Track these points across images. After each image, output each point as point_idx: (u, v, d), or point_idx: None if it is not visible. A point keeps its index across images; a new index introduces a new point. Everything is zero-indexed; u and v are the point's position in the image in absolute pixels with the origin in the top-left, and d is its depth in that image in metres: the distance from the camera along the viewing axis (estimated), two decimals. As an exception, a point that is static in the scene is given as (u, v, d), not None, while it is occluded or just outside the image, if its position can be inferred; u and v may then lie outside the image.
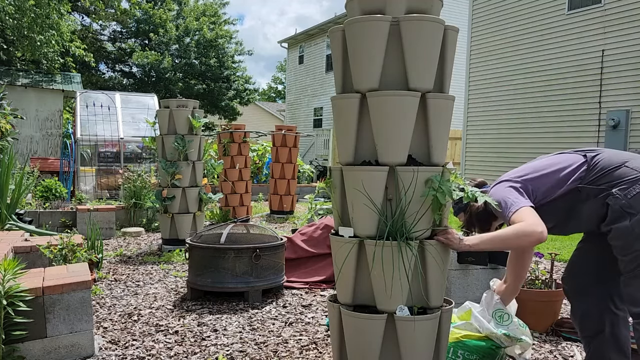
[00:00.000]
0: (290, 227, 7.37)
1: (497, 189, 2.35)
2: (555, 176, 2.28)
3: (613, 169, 2.19)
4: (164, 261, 5.42)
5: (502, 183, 2.36)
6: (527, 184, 2.30)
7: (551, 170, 2.30)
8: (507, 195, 2.25)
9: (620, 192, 2.13)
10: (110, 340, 3.15)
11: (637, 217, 2.08)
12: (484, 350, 2.62)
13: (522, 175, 2.34)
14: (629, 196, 2.11)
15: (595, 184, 2.20)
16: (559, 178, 2.27)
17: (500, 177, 2.44)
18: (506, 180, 2.35)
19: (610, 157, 2.25)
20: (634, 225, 2.07)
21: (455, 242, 2.15)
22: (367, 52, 2.10)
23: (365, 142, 2.19)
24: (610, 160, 2.23)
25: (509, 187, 2.30)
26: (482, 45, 12.55)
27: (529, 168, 2.37)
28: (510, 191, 2.27)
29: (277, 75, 50.53)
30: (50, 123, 15.28)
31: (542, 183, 2.29)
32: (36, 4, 13.96)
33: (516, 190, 2.27)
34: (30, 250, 4.06)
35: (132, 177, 7.74)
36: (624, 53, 9.42)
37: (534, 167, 2.36)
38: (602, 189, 2.18)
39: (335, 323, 2.27)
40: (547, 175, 2.29)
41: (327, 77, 21.22)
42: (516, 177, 2.34)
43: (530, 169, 2.36)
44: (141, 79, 24.03)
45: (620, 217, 2.11)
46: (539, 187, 2.29)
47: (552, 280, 3.47)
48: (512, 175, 2.37)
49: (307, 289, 4.41)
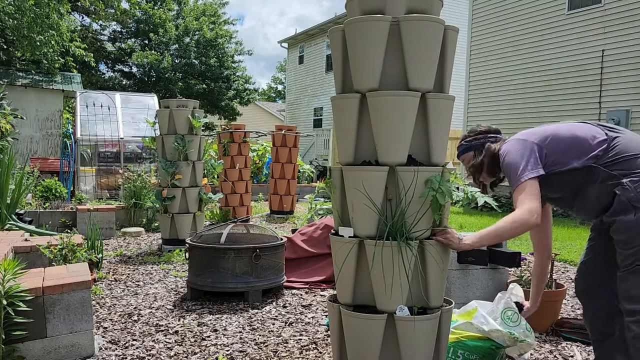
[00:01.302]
0: (290, 227, 7.37)
1: (513, 145, 2.29)
2: (575, 146, 2.21)
3: (629, 157, 2.12)
4: (164, 261, 5.42)
5: (519, 140, 2.29)
6: (543, 146, 2.23)
7: (571, 138, 2.22)
8: (519, 158, 2.20)
9: (631, 184, 2.07)
10: (110, 340, 3.15)
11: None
12: (484, 350, 2.62)
13: (541, 136, 2.26)
14: (639, 189, 2.05)
15: (608, 168, 2.13)
16: (577, 149, 2.20)
17: (517, 134, 2.37)
18: (524, 139, 2.28)
19: (629, 142, 2.17)
20: (639, 219, 2.03)
21: (455, 242, 2.14)
22: (367, 52, 2.10)
23: (365, 142, 2.19)
24: (628, 146, 2.15)
25: (525, 146, 2.23)
26: (482, 45, 12.55)
27: (550, 130, 2.29)
28: (524, 153, 2.21)
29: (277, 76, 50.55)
30: (50, 123, 15.28)
31: (559, 149, 2.22)
32: (36, 4, 13.96)
33: (530, 152, 2.21)
34: (30, 250, 4.06)
35: (132, 177, 7.74)
36: (624, 53, 9.42)
37: (554, 131, 2.27)
38: (613, 175, 2.11)
39: (335, 323, 2.27)
40: (565, 142, 2.22)
41: (327, 77, 21.21)
42: (535, 137, 2.26)
43: (551, 132, 2.27)
44: (141, 79, 24.03)
45: (626, 210, 2.06)
46: (554, 151, 2.22)
47: (552, 280, 3.47)
48: (531, 134, 2.29)
49: (307, 289, 4.41)
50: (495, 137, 2.51)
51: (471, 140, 2.54)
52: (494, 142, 2.47)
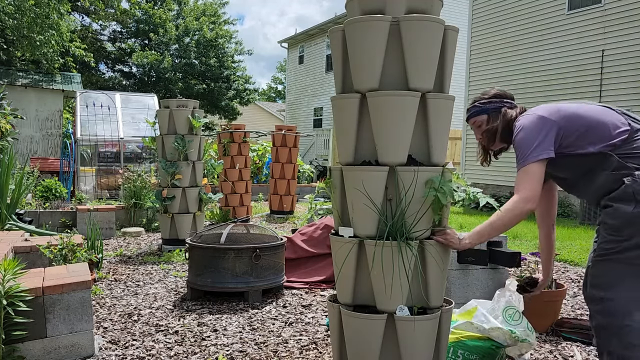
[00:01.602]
0: (290, 227, 7.37)
1: (532, 121, 2.17)
2: (595, 131, 2.10)
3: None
4: (164, 261, 5.42)
5: (539, 117, 2.17)
6: (562, 127, 2.12)
7: (593, 122, 2.11)
8: (533, 137, 2.12)
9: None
10: (110, 340, 3.15)
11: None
12: (484, 350, 2.62)
13: (562, 115, 2.15)
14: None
15: (623, 159, 2.05)
16: (596, 134, 2.10)
17: (538, 108, 2.25)
18: (545, 116, 2.16)
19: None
20: (635, 213, 1.97)
21: (455, 242, 2.14)
22: (367, 52, 2.10)
23: (365, 142, 2.19)
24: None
25: (543, 124, 2.13)
26: (482, 45, 12.55)
27: (572, 110, 2.17)
28: (540, 132, 2.11)
29: (277, 76, 50.56)
30: (50, 123, 15.28)
31: (578, 132, 2.12)
32: (36, 3, 13.97)
33: (546, 132, 2.11)
34: (30, 250, 4.06)
35: (132, 177, 7.74)
36: (624, 53, 9.42)
37: (577, 111, 2.16)
38: (627, 167, 2.03)
39: (335, 323, 2.27)
40: (586, 126, 2.11)
41: (327, 77, 21.22)
42: (556, 115, 2.15)
43: (573, 112, 2.16)
44: (141, 79, 24.03)
45: (628, 200, 1.99)
46: (572, 133, 2.12)
47: (552, 280, 3.47)
48: (552, 111, 2.18)
49: (307, 289, 4.41)
50: (511, 103, 2.39)
51: (485, 103, 2.41)
52: (510, 108, 2.36)
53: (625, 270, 1.99)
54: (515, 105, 2.40)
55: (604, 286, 2.03)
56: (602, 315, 2.03)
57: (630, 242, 1.98)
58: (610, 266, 2.02)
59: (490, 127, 2.38)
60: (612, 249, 2.02)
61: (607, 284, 2.02)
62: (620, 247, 2.00)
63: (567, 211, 9.76)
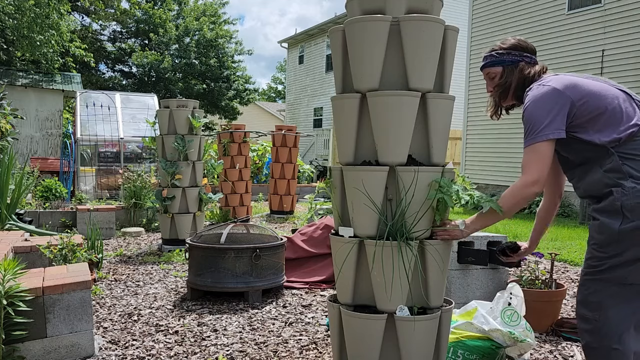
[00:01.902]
0: (290, 227, 7.37)
1: (546, 93, 1.98)
2: (607, 118, 1.94)
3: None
4: (164, 261, 5.42)
5: (554, 89, 1.98)
6: (576, 105, 1.95)
7: (609, 107, 1.95)
8: (545, 112, 1.94)
9: (632, 190, 1.85)
10: (110, 340, 3.15)
11: (631, 223, 1.85)
12: (484, 350, 2.62)
13: (579, 92, 1.96)
14: (638, 200, 1.84)
15: (622, 160, 1.90)
16: (608, 122, 1.94)
17: (552, 78, 2.04)
18: (560, 89, 1.97)
19: None
20: (623, 230, 1.85)
21: (457, 233, 2.10)
22: (367, 52, 2.10)
23: (365, 142, 2.19)
24: None
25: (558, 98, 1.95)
26: (482, 45, 12.54)
27: (589, 89, 1.98)
28: (553, 107, 1.94)
29: (277, 76, 50.54)
30: (50, 123, 15.28)
31: (591, 114, 1.95)
32: (36, 3, 13.96)
33: (560, 108, 1.94)
34: (30, 250, 4.06)
35: (132, 177, 7.74)
36: (624, 53, 9.42)
37: (593, 90, 1.98)
38: (621, 170, 1.89)
39: (335, 323, 2.27)
40: (601, 108, 1.95)
41: (327, 77, 21.21)
42: (573, 90, 1.96)
43: (588, 92, 1.97)
44: (141, 79, 24.03)
45: (614, 214, 1.87)
46: (584, 114, 1.95)
47: (552, 280, 3.47)
48: (569, 85, 1.98)
49: (307, 289, 4.41)
50: (531, 57, 2.18)
51: (503, 53, 2.19)
52: (529, 64, 2.17)
53: (616, 290, 1.90)
54: (536, 60, 2.20)
55: (594, 307, 1.94)
56: (591, 335, 1.95)
57: (617, 260, 1.88)
58: (600, 286, 1.93)
59: (503, 81, 2.19)
60: (598, 266, 1.93)
61: (597, 304, 1.93)
62: (607, 265, 1.90)
63: (567, 211, 9.76)
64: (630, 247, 1.86)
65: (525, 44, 2.21)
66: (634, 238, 1.85)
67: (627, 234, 1.85)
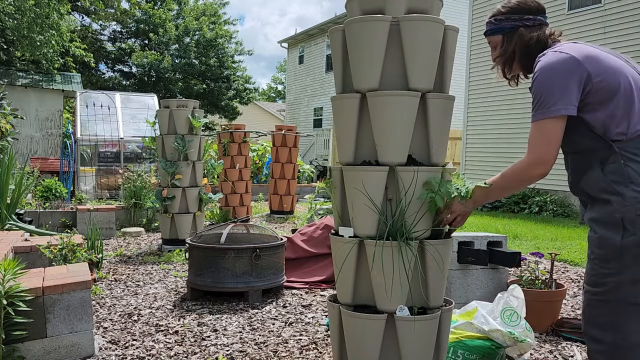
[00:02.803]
0: (290, 227, 7.37)
1: (559, 62, 1.76)
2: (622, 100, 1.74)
3: None
4: (164, 261, 5.42)
5: (571, 57, 1.75)
6: (593, 82, 1.73)
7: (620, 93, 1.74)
8: (553, 84, 1.73)
9: (633, 200, 1.68)
10: (110, 340, 3.15)
11: (633, 237, 1.68)
12: (484, 350, 2.62)
13: (596, 67, 1.75)
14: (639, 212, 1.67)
15: (625, 161, 1.71)
16: (620, 105, 1.74)
17: (568, 46, 1.82)
18: (578, 58, 1.74)
19: None
20: (627, 245, 1.69)
21: (459, 206, 2.02)
22: (367, 52, 2.10)
23: (365, 142, 2.19)
24: None
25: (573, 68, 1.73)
26: (482, 45, 12.54)
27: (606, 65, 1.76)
28: (567, 80, 1.72)
29: (277, 76, 50.54)
30: (50, 123, 15.28)
31: (606, 94, 1.74)
32: (36, 4, 13.96)
33: (574, 82, 1.72)
34: (30, 250, 4.06)
35: (132, 177, 7.74)
36: (624, 53, 9.34)
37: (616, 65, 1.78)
38: (622, 173, 1.71)
39: (335, 323, 2.27)
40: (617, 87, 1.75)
41: (327, 77, 21.22)
42: (590, 63, 1.75)
43: (604, 69, 1.75)
44: (141, 79, 24.03)
45: (615, 227, 1.71)
46: (598, 93, 1.74)
47: (552, 280, 3.47)
48: (588, 56, 1.76)
49: (307, 289, 4.41)
50: (534, 19, 1.94)
51: (502, 19, 1.97)
52: (531, 27, 1.93)
53: (628, 310, 1.73)
54: (542, 21, 1.95)
55: (606, 327, 1.76)
56: (603, 356, 1.78)
57: (622, 277, 1.71)
58: (610, 307, 1.75)
59: (503, 50, 1.99)
60: (603, 284, 1.75)
61: (609, 325, 1.76)
62: (612, 283, 1.73)
63: (567, 211, 9.76)
64: (634, 264, 1.69)
65: (528, 4, 1.94)
66: (638, 253, 1.69)
67: (630, 249, 1.69)
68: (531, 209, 10.20)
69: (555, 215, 9.75)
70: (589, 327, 1.82)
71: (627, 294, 1.71)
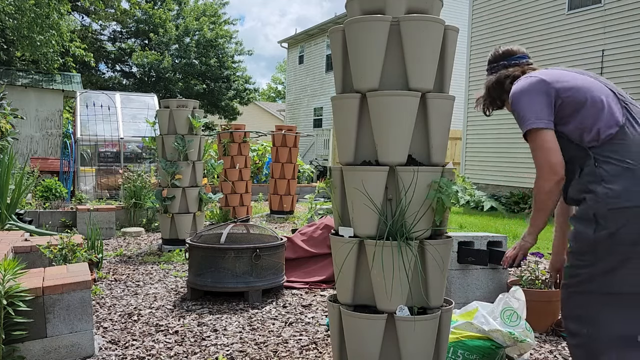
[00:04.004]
0: (290, 227, 7.37)
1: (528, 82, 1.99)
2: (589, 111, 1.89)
3: (623, 164, 1.81)
4: (164, 261, 5.42)
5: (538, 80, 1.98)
6: (560, 94, 1.93)
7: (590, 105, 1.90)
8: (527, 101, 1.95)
9: (604, 196, 1.80)
10: (110, 340, 3.15)
11: (604, 231, 1.80)
12: (484, 350, 2.62)
13: (564, 85, 1.94)
14: (610, 207, 1.79)
15: (599, 163, 1.86)
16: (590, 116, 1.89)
17: (540, 71, 2.06)
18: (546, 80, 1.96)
19: (634, 145, 1.84)
20: (598, 238, 1.81)
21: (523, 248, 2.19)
22: (367, 52, 2.10)
23: (365, 142, 2.19)
24: (628, 150, 1.83)
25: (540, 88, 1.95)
26: (482, 45, 12.55)
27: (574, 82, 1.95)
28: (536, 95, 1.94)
29: (277, 76, 50.52)
30: (50, 123, 15.27)
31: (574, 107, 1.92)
32: (36, 4, 13.96)
33: (542, 96, 1.93)
34: (30, 250, 4.06)
35: (132, 177, 7.74)
36: (624, 53, 9.42)
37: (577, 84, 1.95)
38: (595, 174, 1.85)
39: (335, 323, 2.27)
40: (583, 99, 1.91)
41: (327, 77, 21.22)
42: (559, 83, 1.95)
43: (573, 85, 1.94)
44: (141, 79, 24.03)
45: (588, 221, 1.83)
46: (568, 106, 1.92)
47: (552, 280, 3.47)
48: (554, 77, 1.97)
49: (307, 289, 4.41)
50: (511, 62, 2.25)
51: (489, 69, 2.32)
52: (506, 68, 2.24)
53: (603, 301, 1.83)
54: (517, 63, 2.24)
55: (583, 320, 1.88)
56: (580, 350, 1.90)
57: (595, 268, 1.83)
58: (587, 299, 1.87)
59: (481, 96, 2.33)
60: (579, 275, 1.88)
61: (586, 317, 1.87)
62: (586, 274, 1.85)
63: (567, 211, 9.76)
64: (606, 256, 1.80)
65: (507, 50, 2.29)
66: (609, 246, 1.79)
67: (601, 242, 1.81)
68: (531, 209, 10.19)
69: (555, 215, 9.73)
70: (567, 322, 1.95)
71: (599, 283, 1.83)
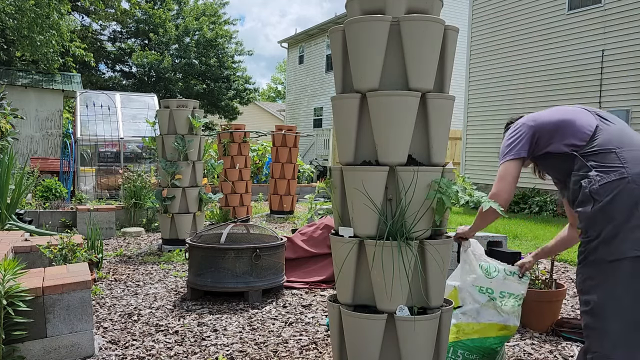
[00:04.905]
0: (290, 227, 7.37)
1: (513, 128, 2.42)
2: (564, 129, 2.23)
3: (606, 150, 2.12)
4: (164, 261, 5.42)
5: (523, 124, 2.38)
6: (536, 129, 2.31)
7: (563, 121, 2.25)
8: (509, 141, 2.36)
9: (597, 177, 2.07)
10: (110, 340, 3.15)
11: (599, 204, 2.03)
12: (484, 350, 2.62)
13: (537, 119, 2.34)
14: (600, 183, 2.05)
15: (586, 158, 2.14)
16: (565, 132, 2.22)
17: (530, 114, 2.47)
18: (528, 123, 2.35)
19: (611, 136, 2.16)
20: (594, 211, 2.03)
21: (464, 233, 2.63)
22: (367, 52, 2.10)
23: (365, 142, 2.19)
24: (608, 140, 2.15)
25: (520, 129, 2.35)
26: (482, 45, 12.55)
27: (546, 113, 2.37)
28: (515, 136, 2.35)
29: (277, 76, 50.51)
30: (50, 123, 15.27)
31: (549, 132, 2.28)
32: (36, 4, 13.96)
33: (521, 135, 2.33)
34: (30, 250, 4.06)
35: (132, 177, 7.74)
36: (624, 53, 9.42)
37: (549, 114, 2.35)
38: (587, 166, 2.12)
39: (335, 323, 2.27)
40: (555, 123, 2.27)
41: (327, 77, 21.21)
42: (535, 121, 2.35)
43: (545, 115, 2.35)
44: (141, 79, 24.02)
45: (587, 201, 2.07)
46: (544, 133, 2.28)
47: (552, 280, 3.47)
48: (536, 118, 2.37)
49: (307, 289, 4.41)
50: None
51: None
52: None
53: (605, 268, 2.00)
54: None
55: (588, 289, 2.05)
56: (588, 315, 2.05)
57: (597, 241, 2.02)
58: (591, 269, 2.05)
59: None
60: (585, 251, 2.07)
61: (590, 286, 2.04)
62: (590, 247, 2.04)
63: (567, 211, 9.76)
64: (605, 225, 2.00)
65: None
66: (605, 214, 2.01)
67: (598, 214, 2.02)
68: (531, 209, 10.20)
69: (555, 215, 9.75)
70: (580, 295, 2.10)
71: (602, 252, 2.01)
